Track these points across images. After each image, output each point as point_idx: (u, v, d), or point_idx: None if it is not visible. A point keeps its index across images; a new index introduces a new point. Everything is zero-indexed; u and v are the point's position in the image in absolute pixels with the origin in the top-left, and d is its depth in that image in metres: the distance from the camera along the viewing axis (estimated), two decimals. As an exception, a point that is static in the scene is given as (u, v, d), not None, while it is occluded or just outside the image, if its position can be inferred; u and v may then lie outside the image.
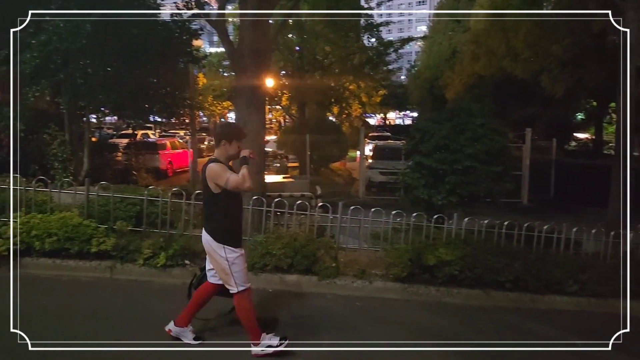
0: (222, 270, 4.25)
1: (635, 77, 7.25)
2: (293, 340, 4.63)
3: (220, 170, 4.09)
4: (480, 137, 7.08)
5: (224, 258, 4.19)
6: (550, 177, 14.79)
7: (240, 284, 4.26)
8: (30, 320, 4.90)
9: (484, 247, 6.62)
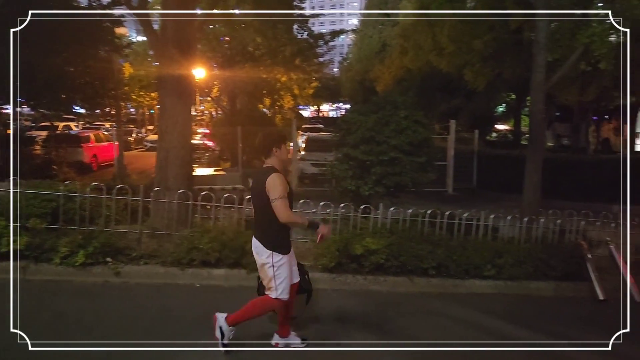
0: (267, 275, 4.27)
1: (545, 71, 7.72)
2: (214, 338, 4.59)
3: (279, 184, 4.07)
4: (404, 128, 7.28)
5: (270, 264, 4.21)
6: (473, 167, 15.46)
7: (280, 292, 4.25)
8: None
9: (408, 235, 6.83)
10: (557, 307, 6.24)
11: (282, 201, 4.04)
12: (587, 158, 14.20)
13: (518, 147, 18.39)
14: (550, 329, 5.52)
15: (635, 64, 13.53)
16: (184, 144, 7.91)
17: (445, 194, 14.79)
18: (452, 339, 5.14)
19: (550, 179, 12.19)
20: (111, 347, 4.50)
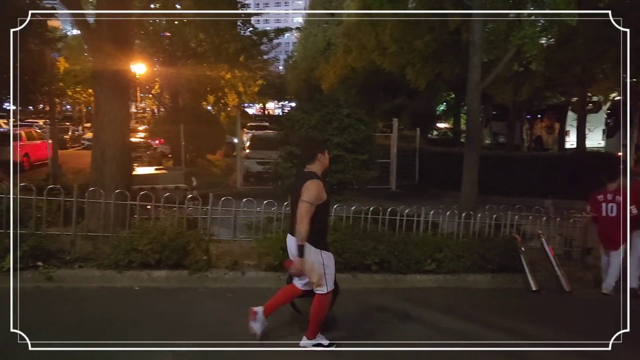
0: (316, 273, 4.41)
1: (481, 71, 8.00)
2: (157, 339, 4.48)
3: (315, 191, 4.26)
4: (346, 126, 7.35)
5: (321, 262, 4.38)
6: (415, 164, 15.86)
7: (330, 285, 4.49)
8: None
9: (352, 232, 6.90)
10: (493, 299, 6.49)
11: (309, 206, 4.22)
12: (521, 155, 14.89)
13: (458, 144, 18.99)
14: (487, 320, 5.74)
15: (562, 69, 14.35)
16: (122, 142, 7.65)
17: (388, 190, 15.08)
18: (393, 333, 5.24)
19: (487, 175, 12.64)
20: (111, 347, 4.52)
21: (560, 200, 12.03)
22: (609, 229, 6.75)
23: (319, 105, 7.77)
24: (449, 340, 5.12)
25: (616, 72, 14.47)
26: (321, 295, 4.50)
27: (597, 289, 6.89)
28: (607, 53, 13.19)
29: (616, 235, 6.62)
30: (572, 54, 13.39)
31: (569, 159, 13.47)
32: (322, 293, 4.49)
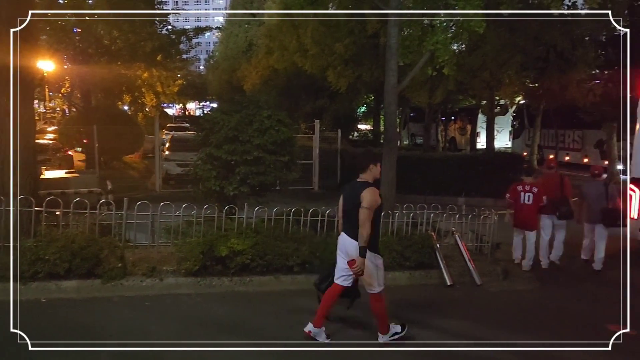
0: (369, 273, 4.76)
1: (398, 74, 8.29)
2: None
3: (373, 197, 4.68)
4: (267, 128, 7.31)
5: (375, 263, 4.79)
6: (337, 165, 16.08)
7: (381, 285, 4.90)
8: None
9: (274, 234, 6.88)
10: (411, 295, 6.71)
11: (369, 211, 4.63)
12: (436, 155, 15.52)
13: (378, 145, 19.51)
14: (406, 316, 5.91)
15: (472, 74, 15.19)
16: (26, 145, 7.11)
17: (311, 191, 15.17)
18: (315, 333, 5.27)
19: (405, 175, 13.11)
20: (111, 347, 4.59)
21: (473, 198, 12.72)
22: (525, 214, 7.85)
23: (239, 107, 7.67)
24: (369, 338, 5.23)
25: (520, 77, 15.55)
26: (374, 294, 4.93)
27: (505, 281, 7.33)
28: (511, 60, 14.13)
29: (532, 219, 7.89)
30: (481, 60, 14.21)
31: (479, 158, 14.24)
32: (374, 292, 4.91)
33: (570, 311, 6.31)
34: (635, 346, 5.06)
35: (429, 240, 7.40)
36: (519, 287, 7.17)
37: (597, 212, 7.84)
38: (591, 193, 8.02)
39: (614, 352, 4.81)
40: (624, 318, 4.74)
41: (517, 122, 25.21)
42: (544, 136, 23.15)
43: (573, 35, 14.35)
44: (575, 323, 5.88)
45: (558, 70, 15.03)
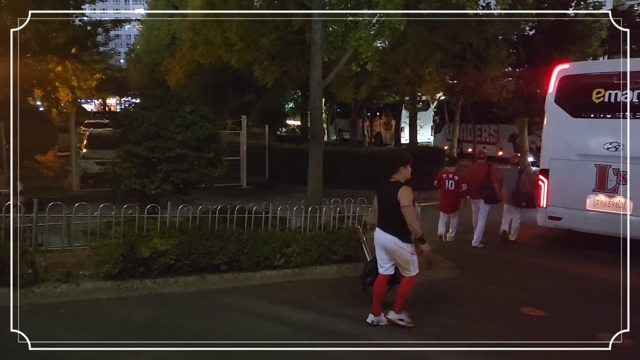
0: (406, 261, 5.33)
1: (323, 70, 8.33)
2: None
3: (409, 195, 5.23)
4: (190, 124, 7.10)
5: (410, 252, 5.31)
6: (265, 161, 15.99)
7: (416, 270, 5.41)
8: None
9: (199, 232, 6.71)
10: (339, 288, 6.78)
11: (410, 208, 5.19)
12: (362, 150, 15.81)
13: (305, 141, 19.59)
14: (334, 310, 6.00)
15: (395, 70, 15.59)
16: None
17: (239, 188, 14.99)
18: (243, 333, 5.21)
19: (332, 170, 13.25)
20: (111, 347, 4.61)
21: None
22: (449, 198, 9.25)
23: (159, 102, 7.40)
24: (296, 333, 5.25)
25: (440, 74, 16.17)
26: (409, 277, 5.41)
27: (429, 270, 7.59)
28: (431, 57, 14.65)
29: (455, 202, 9.23)
30: (403, 57, 14.62)
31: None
32: (411, 276, 5.41)
33: (486, 296, 6.66)
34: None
35: (355, 233, 7.53)
36: (441, 276, 7.47)
37: (511, 195, 9.17)
38: (509, 179, 9.31)
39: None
40: (624, 318, 4.71)
41: (438, 117, 26.27)
42: (463, 130, 24.27)
43: (487, 35, 15.10)
44: (491, 306, 6.22)
45: (474, 68, 15.78)
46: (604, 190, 8.45)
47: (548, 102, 9.18)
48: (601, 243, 8.74)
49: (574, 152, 8.76)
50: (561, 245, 9.25)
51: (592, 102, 8.70)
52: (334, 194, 9.09)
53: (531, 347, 4.96)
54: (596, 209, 8.57)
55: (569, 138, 8.86)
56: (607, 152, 8.39)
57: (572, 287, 7.06)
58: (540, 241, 9.61)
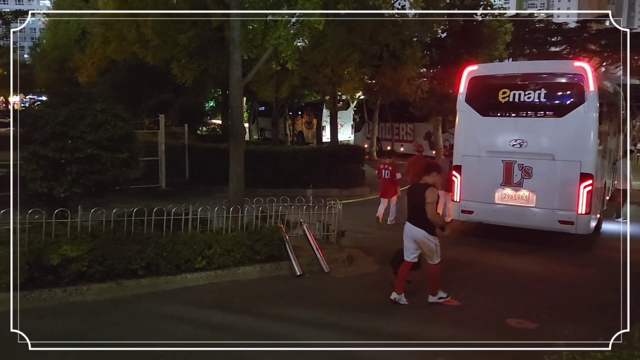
0: (431, 251, 6.17)
1: (243, 68, 8.23)
2: None
3: (434, 195, 6.09)
4: (102, 123, 6.73)
5: (434, 243, 6.15)
6: (185, 161, 15.55)
7: (439, 257, 6.25)
8: None
9: (114, 237, 6.41)
10: (262, 288, 6.76)
11: (432, 205, 6.05)
12: (284, 149, 15.81)
13: (227, 140, 19.28)
14: (257, 310, 5.96)
15: (315, 70, 15.74)
16: None
17: (158, 189, 14.48)
18: (163, 338, 5.04)
19: (255, 169, 13.15)
20: (111, 347, 4.69)
21: (320, 189, 13.24)
22: (385, 185, 10.74)
23: (67, 100, 6.95)
24: (218, 335, 5.15)
25: (359, 73, 16.54)
26: (434, 265, 6.23)
27: (350, 266, 7.76)
28: (350, 57, 14.95)
29: (390, 189, 10.67)
30: (323, 57, 14.80)
31: (325, 151, 14.84)
32: (434, 263, 6.22)
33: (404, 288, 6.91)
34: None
35: (278, 232, 7.51)
36: (362, 271, 7.64)
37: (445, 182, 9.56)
38: (444, 167, 9.56)
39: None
40: (624, 318, 4.69)
41: (358, 116, 26.87)
42: (382, 129, 25.01)
43: (403, 36, 15.65)
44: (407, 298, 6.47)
45: (391, 68, 16.31)
46: (511, 184, 9.03)
47: (459, 101, 9.66)
48: (509, 234, 9.35)
49: (483, 149, 9.28)
50: (473, 237, 9.77)
51: (498, 101, 9.26)
52: (256, 193, 9.03)
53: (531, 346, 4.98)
54: (504, 202, 9.14)
55: (479, 136, 9.38)
56: (512, 148, 8.98)
57: (484, 277, 7.48)
58: (453, 234, 10.08)
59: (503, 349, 5.00)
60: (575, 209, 8.42)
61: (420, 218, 6.11)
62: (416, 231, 6.17)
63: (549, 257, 8.40)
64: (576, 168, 8.48)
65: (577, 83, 8.65)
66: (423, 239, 6.13)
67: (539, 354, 4.34)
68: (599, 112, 8.65)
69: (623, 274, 6.51)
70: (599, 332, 4.99)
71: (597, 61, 26.50)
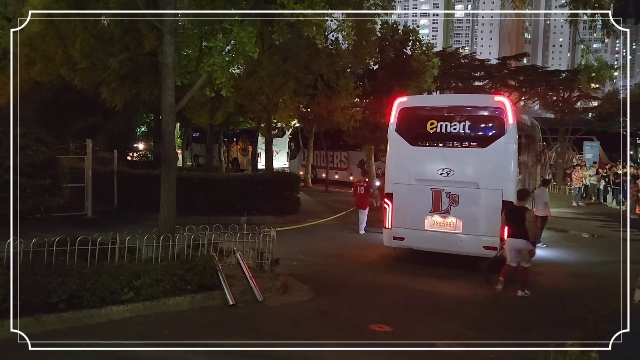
0: (527, 256, 8.04)
1: (176, 94, 8.12)
2: None
3: (532, 215, 8.70)
4: (22, 147, 6.41)
5: (531, 249, 8.03)
6: (114, 188, 14.96)
7: (530, 262, 8.17)
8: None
9: (32, 268, 6.03)
10: (193, 319, 6.57)
11: (531, 223, 8.10)
12: (219, 176, 15.59)
13: (158, 166, 18.78)
14: (186, 342, 5.77)
15: (251, 97, 15.77)
16: None
17: (84, 217, 13.80)
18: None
19: (187, 196, 12.87)
20: (110, 347, 4.84)
21: (255, 217, 13.12)
22: (360, 200, 13.21)
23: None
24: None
25: (294, 102, 16.76)
26: (526, 267, 8.11)
27: (284, 295, 7.70)
28: (285, 85, 15.14)
29: (364, 202, 13.05)
30: (258, 84, 14.88)
31: (260, 178, 14.79)
32: (527, 266, 8.12)
33: (338, 315, 6.96)
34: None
35: (210, 261, 7.35)
36: (296, 299, 7.61)
37: None
38: None
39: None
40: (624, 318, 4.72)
41: (294, 143, 27.09)
42: (317, 157, 25.32)
43: (337, 67, 16.08)
44: (341, 326, 6.50)
45: (325, 97, 16.65)
46: (439, 211, 9.39)
47: (390, 131, 10.00)
48: (438, 259, 9.68)
49: (413, 177, 9.63)
50: (405, 263, 10.02)
51: (427, 132, 9.68)
52: (189, 221, 8.83)
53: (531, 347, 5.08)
54: (433, 228, 9.48)
55: (409, 164, 9.73)
56: (440, 177, 9.37)
57: (414, 302, 7.67)
58: (386, 260, 10.30)
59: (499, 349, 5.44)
60: (498, 234, 8.87)
61: (521, 231, 7.96)
62: (519, 242, 8.00)
63: (474, 281, 8.75)
64: (499, 196, 8.96)
65: (497, 116, 9.22)
66: (525, 246, 7.97)
67: None
68: (518, 144, 9.25)
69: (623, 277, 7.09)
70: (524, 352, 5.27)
71: (516, 95, 28.38)
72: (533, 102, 31.10)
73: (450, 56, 28.90)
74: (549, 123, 27.45)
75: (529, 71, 29.47)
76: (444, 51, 30.31)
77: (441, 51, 28.36)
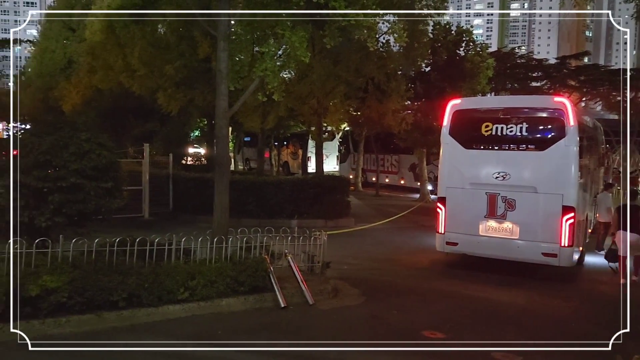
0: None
1: (229, 99, 8.30)
2: None
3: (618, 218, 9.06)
4: (86, 152, 6.71)
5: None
6: (169, 191, 15.44)
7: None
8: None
9: (95, 267, 6.29)
10: (245, 320, 6.65)
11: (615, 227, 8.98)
12: (270, 179, 15.80)
13: (212, 170, 19.22)
14: (240, 343, 5.85)
15: (301, 101, 15.91)
16: None
17: (141, 219, 14.30)
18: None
19: (240, 199, 13.11)
20: (110, 347, 4.85)
21: (305, 220, 13.20)
22: None
23: (52, 129, 6.93)
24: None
25: (344, 105, 16.78)
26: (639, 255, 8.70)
27: (335, 298, 7.68)
28: (336, 89, 15.19)
29: None
30: (309, 88, 14.99)
31: (310, 182, 14.87)
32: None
33: (389, 320, 6.86)
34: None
35: (262, 263, 7.44)
36: (347, 303, 7.56)
37: None
38: None
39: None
40: (624, 318, 4.78)
41: (344, 147, 27.08)
42: (367, 160, 25.20)
43: (387, 69, 15.96)
44: (393, 331, 6.41)
45: (376, 101, 16.57)
46: (494, 216, 9.11)
47: (443, 134, 9.81)
48: (493, 266, 9.39)
49: (467, 181, 9.39)
50: (458, 269, 9.78)
51: (481, 134, 9.43)
52: (241, 223, 8.99)
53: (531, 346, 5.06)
54: (488, 234, 9.20)
55: (463, 168, 9.50)
56: (495, 180, 9.10)
57: (467, 310, 7.46)
58: (438, 266, 10.10)
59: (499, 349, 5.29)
60: (558, 241, 8.51)
61: (638, 228, 8.59)
62: (637, 237, 8.60)
63: (532, 289, 8.43)
64: (558, 201, 8.60)
65: (557, 117, 8.86)
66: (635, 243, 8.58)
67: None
68: (579, 146, 8.85)
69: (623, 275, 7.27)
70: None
71: (576, 96, 27.24)
72: (595, 103, 29.74)
73: (506, 56, 28.07)
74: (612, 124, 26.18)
75: (591, 70, 28.22)
76: (499, 51, 29.51)
77: (496, 51, 27.63)
